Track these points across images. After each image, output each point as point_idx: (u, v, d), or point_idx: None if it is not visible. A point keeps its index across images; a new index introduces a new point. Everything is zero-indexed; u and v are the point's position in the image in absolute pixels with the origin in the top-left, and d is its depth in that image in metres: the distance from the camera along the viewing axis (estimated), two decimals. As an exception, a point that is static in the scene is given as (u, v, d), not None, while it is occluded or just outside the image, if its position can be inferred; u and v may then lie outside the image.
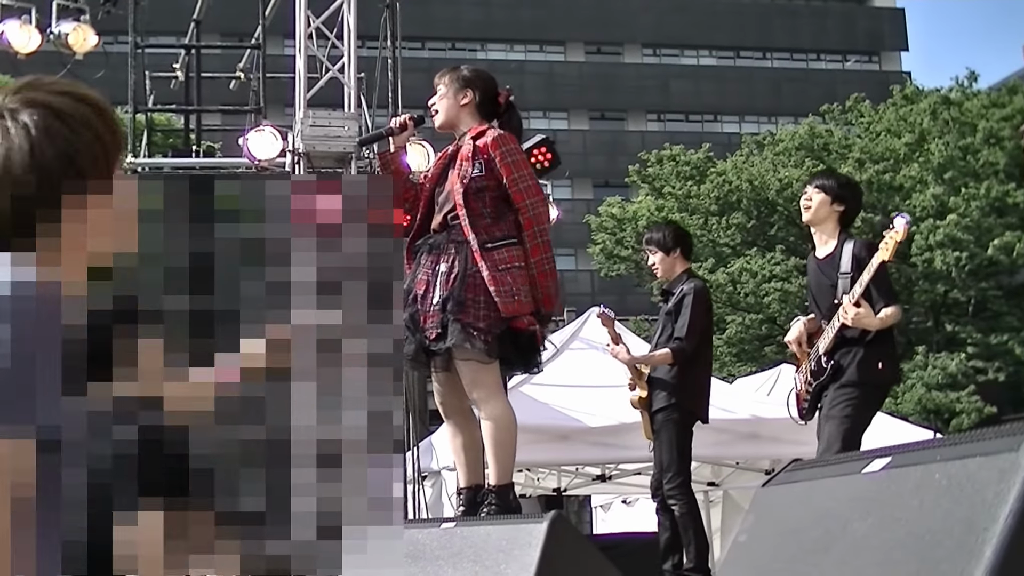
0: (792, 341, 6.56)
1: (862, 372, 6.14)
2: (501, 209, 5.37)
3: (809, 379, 6.41)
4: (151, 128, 15.24)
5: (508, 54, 51.39)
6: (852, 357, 6.17)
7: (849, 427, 6.07)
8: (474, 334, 5.18)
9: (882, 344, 6.22)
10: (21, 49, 11.03)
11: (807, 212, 6.43)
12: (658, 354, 7.33)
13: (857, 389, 6.14)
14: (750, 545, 2.63)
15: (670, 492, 7.24)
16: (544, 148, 11.49)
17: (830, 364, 6.22)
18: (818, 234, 6.47)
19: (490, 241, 5.34)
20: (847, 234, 6.40)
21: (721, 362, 30.43)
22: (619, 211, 35.61)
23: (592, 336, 11.72)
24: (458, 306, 5.21)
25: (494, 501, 5.31)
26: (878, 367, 6.17)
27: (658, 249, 7.50)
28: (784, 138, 35.37)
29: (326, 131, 10.55)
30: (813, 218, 6.42)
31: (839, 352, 6.21)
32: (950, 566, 1.79)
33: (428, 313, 5.29)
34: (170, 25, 18.16)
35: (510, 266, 5.28)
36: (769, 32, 53.57)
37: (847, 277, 6.15)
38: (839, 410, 6.13)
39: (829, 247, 6.38)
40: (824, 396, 6.29)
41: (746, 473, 12.39)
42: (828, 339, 6.23)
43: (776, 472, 2.82)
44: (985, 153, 31.25)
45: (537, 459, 10.64)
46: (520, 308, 5.24)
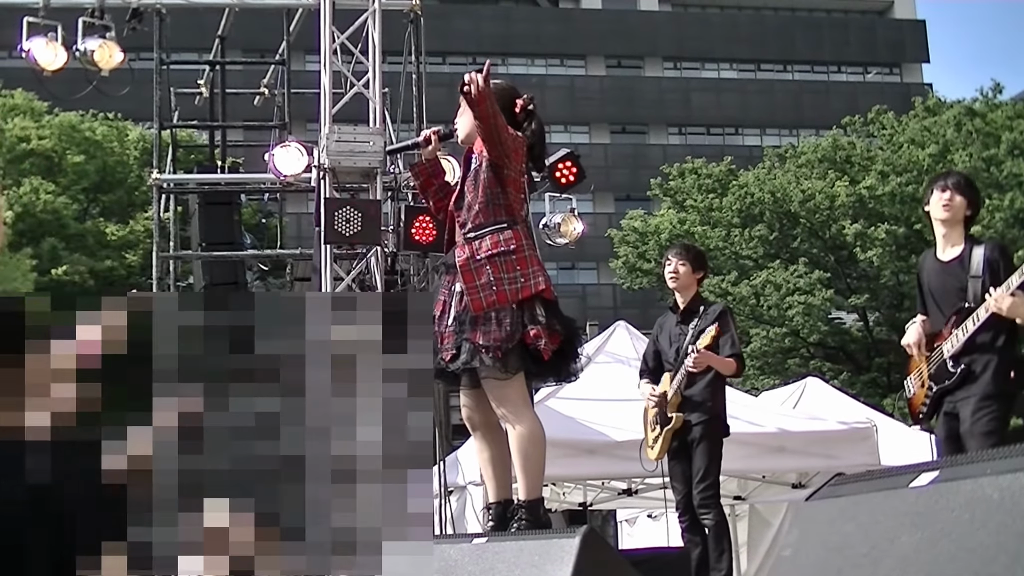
0: (912, 344, 6.31)
1: (999, 383, 5.97)
2: (492, 193, 5.35)
3: (929, 383, 6.20)
4: (175, 144, 15.31)
5: (529, 68, 51.42)
6: (985, 365, 5.99)
7: (995, 443, 5.81)
8: (485, 352, 5.15)
9: (1011, 352, 6.04)
10: (47, 66, 11.08)
11: (946, 211, 6.19)
12: (727, 360, 7.34)
13: (995, 402, 5.96)
14: (795, 560, 2.60)
15: (705, 501, 7.22)
16: (569, 162, 11.50)
17: (959, 369, 6.03)
18: (947, 235, 6.25)
19: (474, 230, 5.33)
20: (972, 237, 6.23)
21: (745, 375, 30.31)
22: (641, 224, 35.52)
23: (617, 350, 11.70)
24: (469, 326, 5.20)
25: (524, 516, 5.28)
26: (1010, 376, 6.01)
27: (687, 262, 7.50)
28: (806, 150, 35.26)
29: (351, 146, 10.56)
30: (951, 219, 6.20)
31: (969, 357, 6.02)
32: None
33: (444, 334, 5.27)
34: (194, 42, 18.24)
35: (492, 252, 5.25)
36: (790, 44, 53.50)
37: (978, 280, 5.97)
38: (983, 425, 5.92)
39: (956, 250, 6.17)
40: (947, 401, 6.11)
41: (772, 487, 12.34)
42: (958, 342, 6.04)
43: (819, 487, 2.79)
44: (1009, 164, 31.09)
45: (563, 473, 10.62)
46: (500, 299, 5.19)
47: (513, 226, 5.30)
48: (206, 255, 13.24)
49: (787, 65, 54.46)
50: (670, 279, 7.61)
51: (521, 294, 5.18)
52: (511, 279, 5.20)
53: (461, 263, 5.29)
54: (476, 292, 5.19)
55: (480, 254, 5.25)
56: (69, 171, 31.84)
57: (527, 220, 5.51)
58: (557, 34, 51.27)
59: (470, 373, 5.31)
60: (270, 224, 28.83)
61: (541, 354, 5.19)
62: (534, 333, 5.16)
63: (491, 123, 5.23)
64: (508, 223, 5.30)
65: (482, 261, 5.24)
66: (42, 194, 29.96)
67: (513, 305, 5.18)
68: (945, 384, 6.10)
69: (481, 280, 5.20)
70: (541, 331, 5.17)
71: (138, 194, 32.09)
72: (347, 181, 10.86)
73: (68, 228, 30.73)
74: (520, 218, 5.38)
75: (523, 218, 5.43)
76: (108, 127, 33.17)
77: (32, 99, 32.34)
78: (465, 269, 5.25)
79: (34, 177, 30.22)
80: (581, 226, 13.00)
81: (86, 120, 32.75)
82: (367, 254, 10.90)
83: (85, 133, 32.44)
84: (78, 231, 31.22)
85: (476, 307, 5.18)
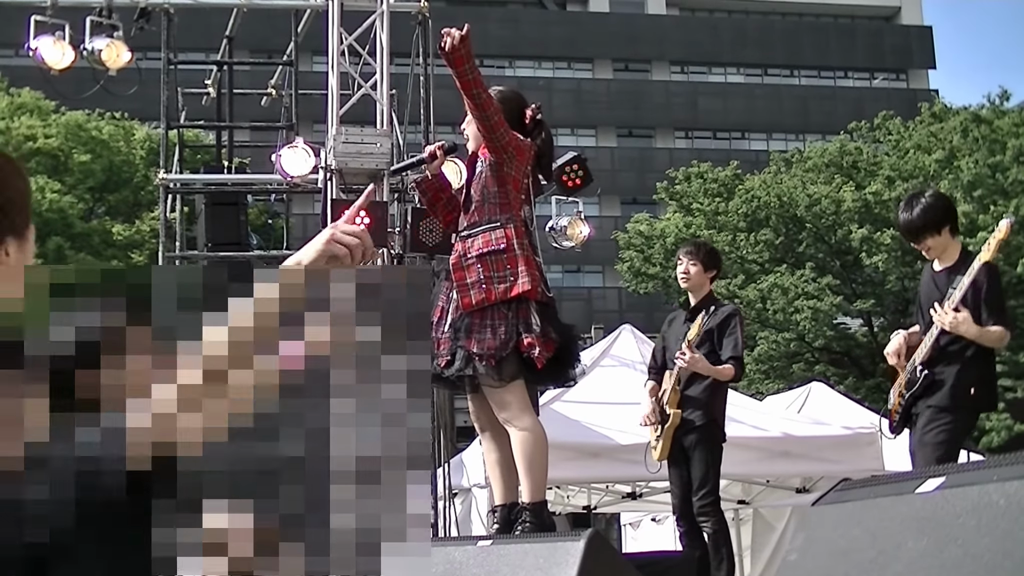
0: (891, 353, 6.31)
1: (956, 396, 5.96)
2: (488, 192, 5.38)
3: (903, 391, 6.19)
4: (182, 144, 15.31)
5: (536, 71, 51.42)
6: (948, 376, 5.99)
7: (943, 454, 5.86)
8: (479, 360, 5.18)
9: (979, 366, 6.00)
10: (55, 65, 11.08)
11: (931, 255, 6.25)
12: (723, 368, 7.30)
13: (950, 414, 5.96)
14: (801, 564, 2.61)
15: (703, 509, 7.21)
16: (576, 165, 11.49)
17: (923, 375, 6.04)
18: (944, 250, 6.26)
19: (468, 228, 5.36)
20: (966, 249, 6.20)
21: (750, 379, 30.29)
22: (647, 228, 35.50)
23: (622, 353, 11.70)
24: (463, 333, 5.22)
25: (528, 519, 5.30)
26: (970, 392, 5.97)
27: (698, 262, 7.47)
28: (812, 155, 35.26)
29: (358, 148, 10.56)
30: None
31: (936, 366, 6.03)
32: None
33: (440, 340, 5.30)
34: (202, 42, 18.25)
35: (483, 251, 5.27)
36: (797, 50, 53.45)
37: (958, 292, 5.94)
38: (932, 436, 5.95)
39: (950, 261, 6.15)
40: (914, 411, 6.12)
41: (776, 491, 12.33)
42: (926, 348, 6.06)
43: (826, 491, 2.79)
44: (1015, 171, 31.05)
45: (568, 476, 10.61)
46: (489, 296, 5.21)
47: (506, 225, 5.31)
48: (212, 255, 13.25)
49: (794, 70, 54.42)
50: (682, 279, 7.58)
51: (509, 293, 5.20)
52: (500, 277, 5.22)
53: (453, 261, 5.35)
54: (466, 290, 5.24)
55: (471, 252, 5.29)
56: (75, 170, 31.83)
57: (527, 221, 5.50)
58: (564, 37, 51.25)
59: (469, 378, 5.33)
60: (276, 225, 28.73)
61: (535, 363, 5.22)
62: (528, 342, 5.18)
63: (473, 91, 5.23)
64: (502, 222, 5.31)
65: (472, 259, 5.28)
66: (48, 193, 29.95)
67: (505, 309, 5.21)
68: (913, 391, 6.11)
69: (471, 278, 5.24)
70: (535, 340, 5.19)
71: (144, 194, 32.08)
72: (354, 182, 10.86)
73: (74, 227, 30.72)
74: (517, 217, 5.38)
75: (521, 218, 5.42)
76: (115, 126, 33.15)
77: (39, 98, 32.34)
78: (456, 267, 5.31)
79: (40, 176, 30.22)
80: (587, 229, 12.98)
81: (93, 119, 32.75)
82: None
83: (92, 132, 32.43)
84: (84, 230, 31.21)
85: (465, 305, 5.22)
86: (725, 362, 7.28)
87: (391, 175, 10.45)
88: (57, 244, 29.60)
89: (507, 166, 5.38)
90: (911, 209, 6.22)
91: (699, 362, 7.20)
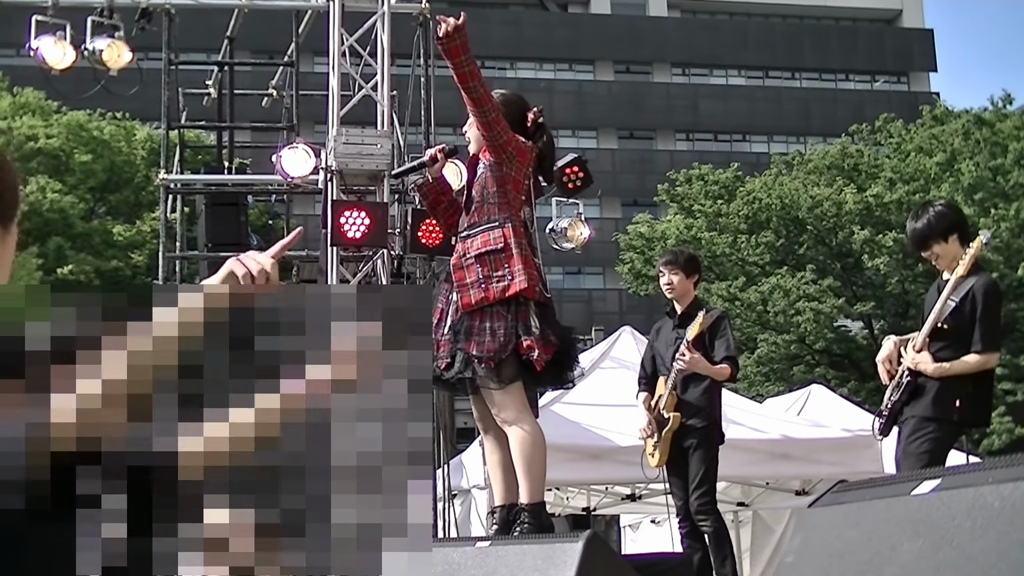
0: (881, 360, 6.28)
1: (938, 408, 5.96)
2: (487, 193, 5.39)
3: (891, 396, 6.19)
4: (183, 144, 15.32)
5: (538, 73, 51.40)
6: (930, 385, 5.99)
7: (926, 464, 5.82)
8: (478, 363, 5.19)
9: (967, 380, 5.97)
10: (55, 65, 11.08)
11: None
12: (720, 368, 7.37)
13: (933, 424, 5.95)
14: (797, 566, 2.61)
15: (702, 508, 7.26)
16: (576, 167, 11.49)
17: (907, 381, 6.06)
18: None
19: (467, 229, 5.38)
20: (978, 265, 6.09)
21: (750, 382, 30.29)
22: (648, 230, 35.49)
23: (623, 355, 11.70)
24: (463, 335, 5.23)
25: (527, 520, 5.31)
26: (955, 405, 5.95)
27: (679, 271, 7.52)
28: (814, 157, 35.27)
29: (359, 148, 10.56)
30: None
31: (920, 374, 6.03)
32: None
33: (440, 342, 5.31)
34: (203, 42, 18.24)
35: (481, 251, 5.29)
36: (798, 52, 53.44)
37: (951, 303, 5.94)
38: (916, 446, 5.95)
39: (956, 273, 6.03)
40: (901, 418, 6.12)
41: (776, 493, 12.33)
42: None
43: (822, 493, 2.80)
44: (1016, 174, 31.06)
45: (567, 478, 10.62)
46: (488, 296, 5.22)
47: (505, 224, 5.32)
48: (213, 256, 13.24)
49: (795, 72, 54.41)
50: (666, 290, 7.66)
51: (507, 291, 5.22)
52: (499, 277, 5.25)
53: (454, 261, 5.38)
54: (466, 290, 5.27)
55: (470, 252, 5.32)
56: (76, 170, 31.84)
57: (527, 222, 5.52)
58: (566, 39, 51.23)
59: (469, 380, 5.35)
60: (277, 225, 28.71)
61: (534, 365, 5.23)
62: (527, 344, 5.21)
63: (469, 84, 5.25)
64: (500, 221, 5.33)
65: (471, 259, 5.30)
66: (49, 193, 29.96)
67: (503, 309, 5.22)
68: (899, 396, 6.12)
69: (470, 278, 5.27)
70: (534, 342, 5.21)
71: (145, 194, 32.09)
72: (354, 183, 10.87)
73: (74, 227, 30.73)
74: (516, 218, 5.40)
75: (520, 218, 5.44)
76: (116, 127, 33.16)
77: (41, 98, 32.34)
78: (457, 267, 5.34)
79: (41, 176, 30.22)
80: (588, 231, 12.99)
81: (94, 119, 32.75)
82: (373, 257, 10.91)
83: (93, 132, 32.43)
84: (84, 230, 31.22)
85: (465, 304, 5.24)
86: (720, 362, 7.35)
87: (392, 178, 10.44)
88: (58, 244, 29.60)
89: (506, 166, 5.39)
90: (918, 218, 6.24)
91: (699, 362, 7.27)
